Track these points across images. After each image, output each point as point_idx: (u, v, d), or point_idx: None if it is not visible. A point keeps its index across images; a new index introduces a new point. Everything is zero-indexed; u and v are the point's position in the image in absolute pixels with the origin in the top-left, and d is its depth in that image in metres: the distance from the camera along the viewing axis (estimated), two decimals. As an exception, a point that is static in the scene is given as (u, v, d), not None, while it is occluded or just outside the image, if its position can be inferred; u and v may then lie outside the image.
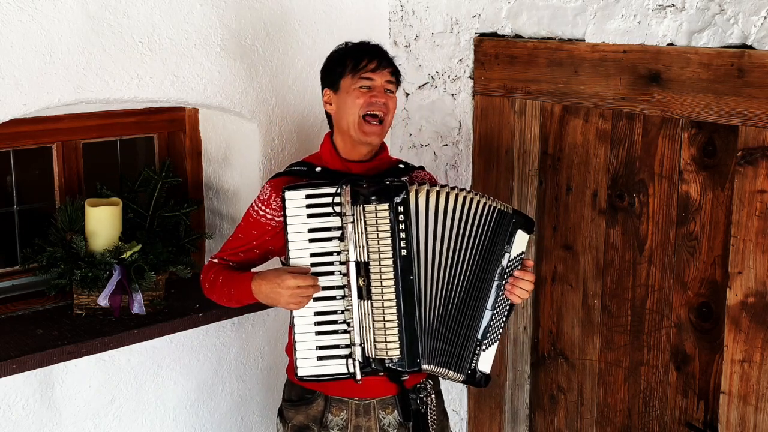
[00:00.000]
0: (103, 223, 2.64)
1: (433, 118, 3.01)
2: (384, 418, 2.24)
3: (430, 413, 2.25)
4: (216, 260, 2.28)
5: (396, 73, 2.23)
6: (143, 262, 2.64)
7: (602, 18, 2.43)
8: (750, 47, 2.12)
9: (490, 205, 2.13)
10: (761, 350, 2.19)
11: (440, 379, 2.35)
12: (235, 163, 2.95)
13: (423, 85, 3.03)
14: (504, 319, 2.17)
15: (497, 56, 2.72)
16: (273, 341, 3.01)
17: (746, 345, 2.21)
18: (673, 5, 2.27)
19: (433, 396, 2.27)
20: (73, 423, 2.60)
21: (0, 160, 2.71)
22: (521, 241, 2.16)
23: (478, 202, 2.12)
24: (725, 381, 2.27)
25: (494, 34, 2.75)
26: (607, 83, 2.43)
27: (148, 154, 3.02)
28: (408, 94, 3.10)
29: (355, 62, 2.18)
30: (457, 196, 2.11)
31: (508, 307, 2.17)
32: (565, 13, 2.53)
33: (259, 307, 2.91)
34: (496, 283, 2.14)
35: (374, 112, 2.16)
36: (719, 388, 2.29)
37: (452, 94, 2.93)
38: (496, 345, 2.15)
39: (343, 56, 2.22)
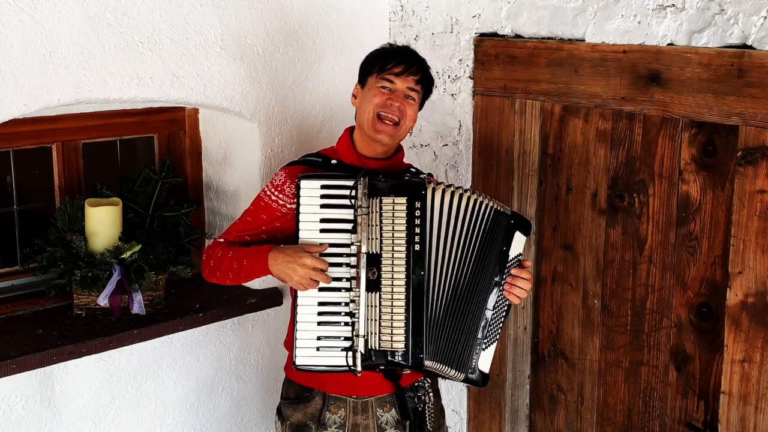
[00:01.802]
0: (103, 223, 2.64)
1: (433, 118, 3.01)
2: (382, 416, 2.25)
3: (428, 411, 2.26)
4: (222, 240, 2.29)
5: (423, 82, 2.24)
6: (143, 262, 2.64)
7: (602, 18, 2.43)
8: (750, 47, 2.12)
9: (490, 206, 2.15)
10: (761, 350, 2.19)
11: (438, 378, 2.36)
12: (235, 163, 2.95)
13: (423, 85, 3.03)
14: (502, 319, 2.18)
15: (497, 56, 2.72)
16: (273, 341, 3.01)
17: (746, 345, 2.21)
18: (673, 5, 2.27)
19: (431, 394, 2.28)
20: (73, 423, 2.60)
21: (0, 160, 2.71)
22: (519, 242, 2.18)
23: (482, 203, 2.15)
24: (725, 381, 2.27)
25: (494, 34, 2.75)
26: (607, 83, 2.43)
27: (148, 154, 3.02)
28: (408, 94, 3.10)
29: (383, 63, 2.21)
30: (469, 198, 2.14)
31: (506, 308, 2.18)
32: (565, 13, 2.53)
33: (261, 305, 2.91)
34: (495, 283, 2.15)
35: (387, 114, 2.17)
36: (719, 388, 2.29)
37: (452, 94, 2.93)
38: (494, 345, 2.17)
39: (376, 56, 2.26)
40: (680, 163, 2.31)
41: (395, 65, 2.20)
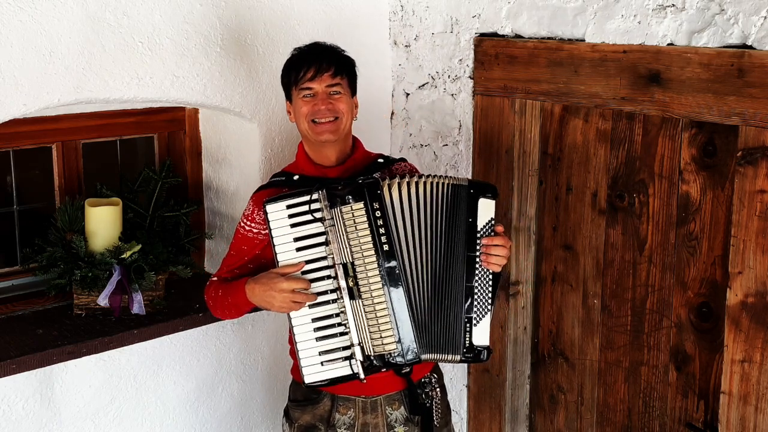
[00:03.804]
0: (103, 223, 2.64)
1: (433, 118, 3.01)
2: (391, 414, 2.27)
3: (435, 407, 2.28)
4: (216, 278, 2.33)
5: (341, 72, 2.22)
6: (143, 262, 2.64)
7: (602, 18, 2.43)
8: (750, 47, 2.12)
9: (445, 184, 2.14)
10: (761, 350, 2.19)
11: (443, 374, 2.39)
12: (235, 163, 2.95)
13: (423, 85, 3.04)
14: (490, 289, 2.17)
15: (497, 56, 2.72)
16: (273, 341, 3.01)
17: (746, 345, 2.21)
18: (673, 5, 2.27)
19: (438, 390, 2.31)
20: (73, 423, 2.60)
21: (0, 160, 2.71)
22: (486, 208, 2.16)
23: (439, 184, 2.14)
24: (725, 381, 2.27)
25: (494, 34, 2.75)
26: (607, 83, 2.43)
27: (148, 154, 3.02)
28: (408, 94, 3.10)
29: (295, 73, 2.22)
30: (425, 183, 2.13)
31: (491, 277, 2.17)
32: (565, 13, 2.53)
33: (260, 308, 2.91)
34: (470, 258, 2.14)
35: (320, 119, 2.19)
36: (719, 388, 2.29)
37: (452, 94, 2.93)
38: (488, 316, 2.16)
39: (288, 67, 2.26)
40: (680, 163, 2.31)
41: (305, 71, 2.20)
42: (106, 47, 2.45)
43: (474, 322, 2.15)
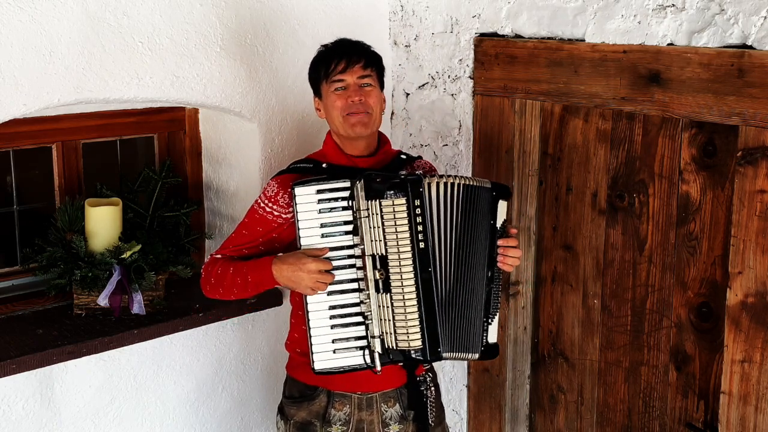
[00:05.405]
0: (103, 223, 2.64)
1: (433, 118, 3.01)
2: (386, 411, 2.28)
3: (430, 405, 2.30)
4: (219, 256, 2.29)
5: (371, 64, 2.24)
6: (143, 262, 2.64)
7: (602, 18, 2.43)
8: (750, 47, 2.12)
9: (474, 186, 2.17)
10: (761, 350, 2.19)
11: (437, 375, 2.40)
12: (235, 163, 2.95)
13: (423, 85, 3.03)
14: (500, 288, 2.22)
15: (497, 56, 2.72)
16: (273, 341, 3.01)
17: (746, 345, 2.21)
18: (673, 5, 2.27)
19: (432, 389, 2.32)
20: (73, 423, 2.60)
21: (0, 160, 2.71)
22: (502, 209, 2.21)
23: (468, 186, 2.16)
24: (725, 381, 2.27)
25: (494, 34, 2.75)
26: (607, 83, 2.43)
27: (148, 154, 3.02)
28: (408, 94, 3.10)
29: (326, 67, 2.23)
30: (460, 185, 2.14)
31: (500, 277, 2.23)
32: (565, 13, 2.53)
33: (261, 305, 2.91)
34: (491, 257, 2.18)
35: (354, 112, 2.20)
36: (719, 388, 2.29)
37: (452, 94, 2.93)
38: (497, 314, 2.21)
39: (317, 63, 2.28)
40: (680, 163, 2.31)
41: (337, 64, 2.21)
42: (106, 47, 2.45)
43: (489, 321, 2.19)
